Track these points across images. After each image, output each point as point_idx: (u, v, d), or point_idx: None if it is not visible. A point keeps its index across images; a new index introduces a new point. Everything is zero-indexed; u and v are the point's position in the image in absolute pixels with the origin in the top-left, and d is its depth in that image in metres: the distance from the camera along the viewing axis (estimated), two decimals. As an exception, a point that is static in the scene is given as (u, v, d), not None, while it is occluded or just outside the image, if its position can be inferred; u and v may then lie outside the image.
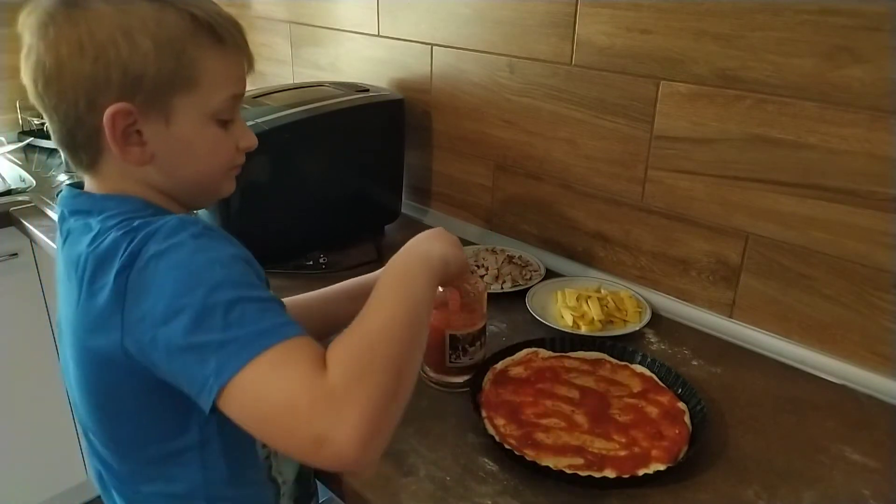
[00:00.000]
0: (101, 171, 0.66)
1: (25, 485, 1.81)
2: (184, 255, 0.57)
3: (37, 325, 1.68)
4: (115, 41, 0.59)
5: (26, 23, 0.62)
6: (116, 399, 0.64)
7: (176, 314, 0.54)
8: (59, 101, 0.61)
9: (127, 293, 0.56)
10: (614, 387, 0.90)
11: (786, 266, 0.99)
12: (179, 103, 0.63)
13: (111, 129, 0.61)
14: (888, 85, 0.83)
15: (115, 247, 0.58)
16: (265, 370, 0.53)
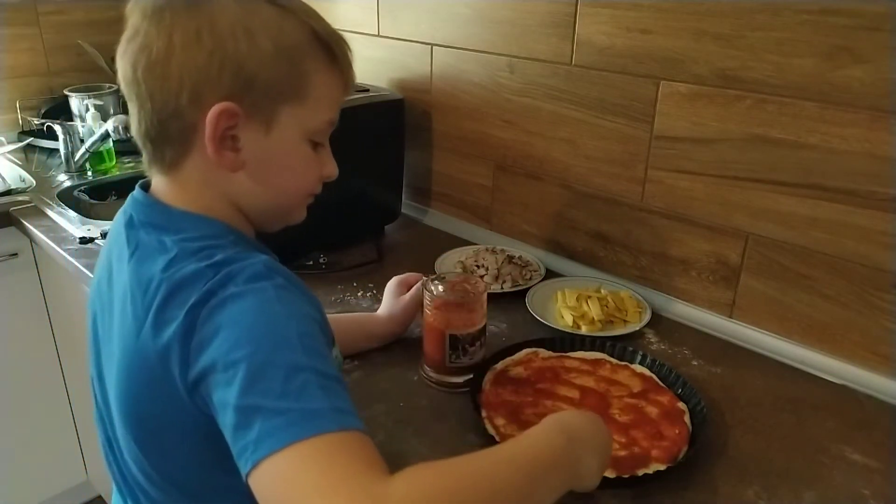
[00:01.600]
0: (182, 173, 0.62)
1: (25, 485, 1.81)
2: (261, 303, 0.53)
3: (37, 325, 1.68)
4: (236, 36, 0.57)
5: (138, 3, 0.59)
6: (165, 430, 0.60)
7: (235, 364, 0.50)
8: (160, 89, 0.58)
9: (196, 329, 0.53)
10: (614, 387, 0.90)
11: (786, 266, 0.99)
12: (284, 114, 0.61)
13: (213, 127, 0.58)
14: (888, 85, 0.83)
15: (193, 278, 0.55)
16: (312, 455, 0.46)
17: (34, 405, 1.74)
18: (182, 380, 0.54)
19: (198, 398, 0.54)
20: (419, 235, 1.44)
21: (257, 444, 0.47)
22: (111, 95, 1.91)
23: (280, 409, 0.48)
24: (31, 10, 1.96)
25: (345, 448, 0.47)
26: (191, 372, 0.53)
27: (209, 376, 0.52)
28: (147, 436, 0.62)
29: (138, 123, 0.61)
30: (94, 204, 1.65)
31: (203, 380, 0.52)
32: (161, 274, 0.56)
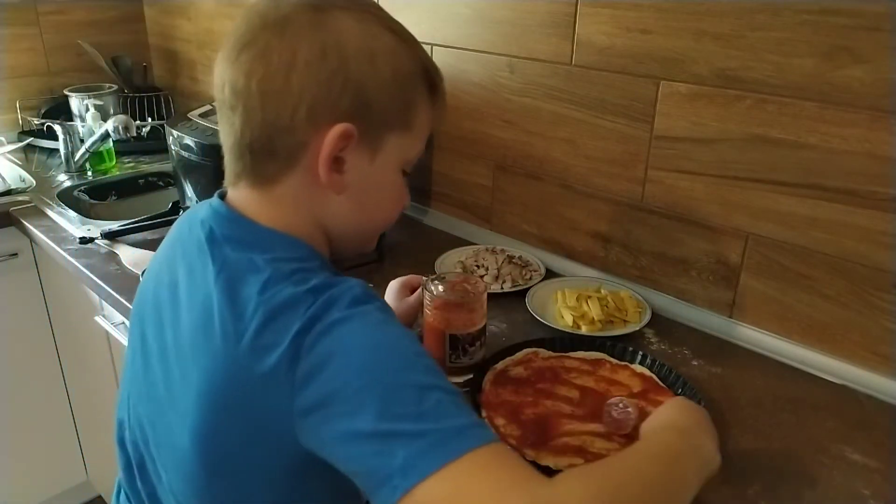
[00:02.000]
0: (278, 189, 0.60)
1: (25, 485, 1.81)
2: (370, 326, 0.52)
3: (37, 325, 1.68)
4: (359, 59, 0.56)
5: (257, 12, 0.58)
6: (241, 460, 0.56)
7: (360, 391, 0.48)
8: (275, 102, 0.56)
9: (302, 358, 0.50)
10: (614, 387, 0.90)
11: (786, 266, 0.99)
12: (390, 142, 0.61)
13: (331, 147, 0.57)
14: (888, 85, 0.83)
15: (293, 303, 0.52)
16: (470, 471, 0.45)
17: (34, 405, 1.74)
18: (284, 409, 0.51)
19: (304, 429, 0.51)
20: (419, 235, 1.44)
21: (406, 470, 0.45)
22: (111, 95, 1.92)
23: (422, 431, 0.47)
24: (31, 10, 1.96)
25: (498, 460, 0.47)
26: (298, 401, 0.50)
27: (325, 408, 0.49)
28: (217, 466, 0.57)
29: (239, 134, 0.59)
30: (94, 204, 1.66)
31: (316, 411, 0.50)
32: (258, 297, 0.53)
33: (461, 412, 0.49)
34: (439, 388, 0.50)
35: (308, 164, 0.58)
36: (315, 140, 0.57)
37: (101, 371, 1.50)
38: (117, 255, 1.30)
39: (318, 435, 0.50)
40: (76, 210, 1.53)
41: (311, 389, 0.50)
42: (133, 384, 0.67)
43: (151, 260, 0.71)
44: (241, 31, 0.58)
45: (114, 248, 1.32)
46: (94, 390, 1.63)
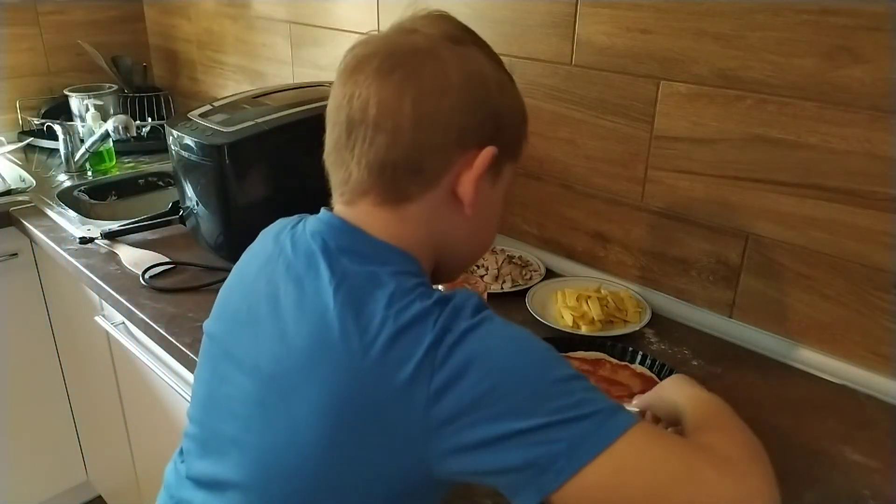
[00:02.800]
0: (411, 207, 0.61)
1: (26, 485, 1.81)
2: (500, 330, 0.54)
3: (37, 325, 1.68)
4: (498, 89, 0.62)
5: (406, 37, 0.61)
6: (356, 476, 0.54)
7: (509, 392, 0.50)
8: (428, 123, 0.59)
9: (437, 370, 0.50)
10: (614, 387, 0.90)
11: (786, 266, 0.99)
12: (507, 169, 0.65)
13: (481, 169, 0.60)
14: (888, 85, 0.83)
15: (422, 317, 0.53)
16: (642, 441, 0.50)
17: (34, 405, 1.74)
18: (416, 423, 0.51)
19: (438, 442, 0.51)
20: (419, 235, 1.44)
21: (573, 450, 0.48)
22: (111, 95, 1.92)
23: (584, 415, 0.49)
24: (31, 10, 1.96)
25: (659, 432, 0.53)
26: (434, 413, 0.50)
27: (469, 414, 0.50)
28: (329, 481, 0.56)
29: (383, 152, 0.59)
30: (94, 204, 1.66)
31: (457, 419, 0.50)
32: (384, 311, 0.53)
33: (603, 397, 0.52)
34: (577, 377, 0.53)
35: (446, 185, 0.61)
36: (459, 161, 0.61)
37: (101, 371, 1.50)
38: (117, 255, 1.30)
39: (460, 443, 0.50)
40: (76, 210, 1.53)
41: (450, 399, 0.50)
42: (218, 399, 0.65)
43: (232, 275, 0.70)
44: (382, 54, 0.60)
45: (114, 248, 1.32)
46: (94, 390, 1.63)
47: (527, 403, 0.49)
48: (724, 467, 0.51)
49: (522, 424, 0.49)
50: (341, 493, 0.55)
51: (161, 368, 1.19)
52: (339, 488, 0.55)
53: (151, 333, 1.10)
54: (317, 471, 0.55)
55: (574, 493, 0.49)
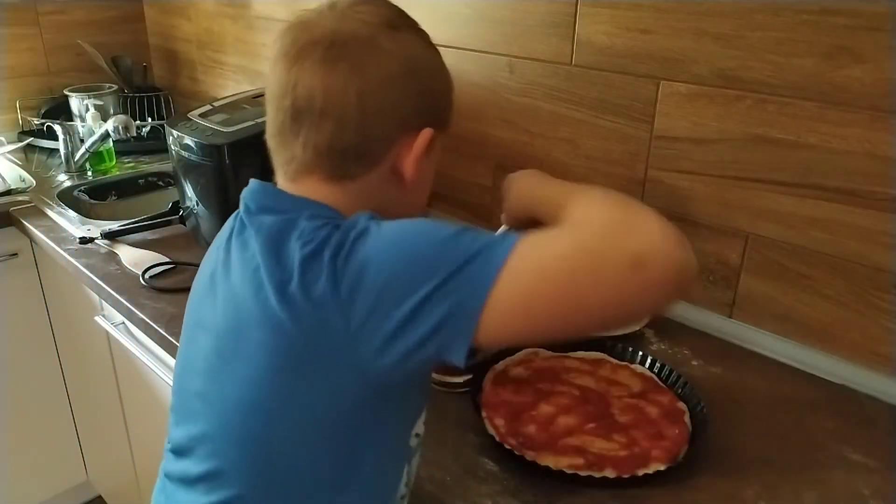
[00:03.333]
0: (351, 185, 0.65)
1: (25, 485, 1.81)
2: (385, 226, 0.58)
3: (37, 325, 1.68)
4: (431, 72, 0.67)
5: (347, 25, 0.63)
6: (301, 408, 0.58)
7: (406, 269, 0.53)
8: (374, 113, 0.62)
9: (341, 279, 0.54)
10: (614, 387, 0.90)
11: (786, 266, 0.99)
12: (439, 142, 0.69)
13: (421, 150, 0.65)
14: (888, 85, 0.83)
15: (323, 240, 0.57)
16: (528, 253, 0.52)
17: (34, 405, 1.74)
18: (341, 330, 0.54)
19: (366, 336, 0.54)
20: (419, 235, 1.44)
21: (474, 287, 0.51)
22: (111, 95, 1.92)
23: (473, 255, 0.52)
24: (31, 10, 1.96)
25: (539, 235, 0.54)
26: (353, 315, 0.54)
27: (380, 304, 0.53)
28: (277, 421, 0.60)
29: (329, 138, 0.63)
30: (94, 204, 1.66)
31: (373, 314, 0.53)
32: (294, 245, 0.58)
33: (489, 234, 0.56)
34: (463, 230, 0.55)
35: (387, 165, 0.65)
36: (401, 143, 0.65)
37: (101, 371, 1.50)
38: (117, 255, 1.30)
39: (383, 333, 0.53)
40: (76, 210, 1.53)
41: (361, 299, 0.54)
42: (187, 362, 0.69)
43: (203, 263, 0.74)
44: (325, 43, 0.62)
45: (114, 248, 1.32)
46: (94, 390, 1.63)
47: (425, 271, 0.52)
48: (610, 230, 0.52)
49: (427, 289, 0.52)
50: (295, 424, 0.59)
51: (161, 368, 1.19)
52: (292, 419, 0.59)
53: (151, 333, 1.10)
54: (269, 406, 0.59)
55: (495, 325, 0.51)
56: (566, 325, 0.53)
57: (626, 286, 0.50)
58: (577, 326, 0.54)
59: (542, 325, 0.53)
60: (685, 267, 0.51)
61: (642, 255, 0.50)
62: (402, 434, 0.66)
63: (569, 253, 0.52)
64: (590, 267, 0.51)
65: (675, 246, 0.51)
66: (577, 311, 0.52)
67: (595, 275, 0.50)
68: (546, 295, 0.51)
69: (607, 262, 0.50)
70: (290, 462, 0.61)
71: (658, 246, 0.50)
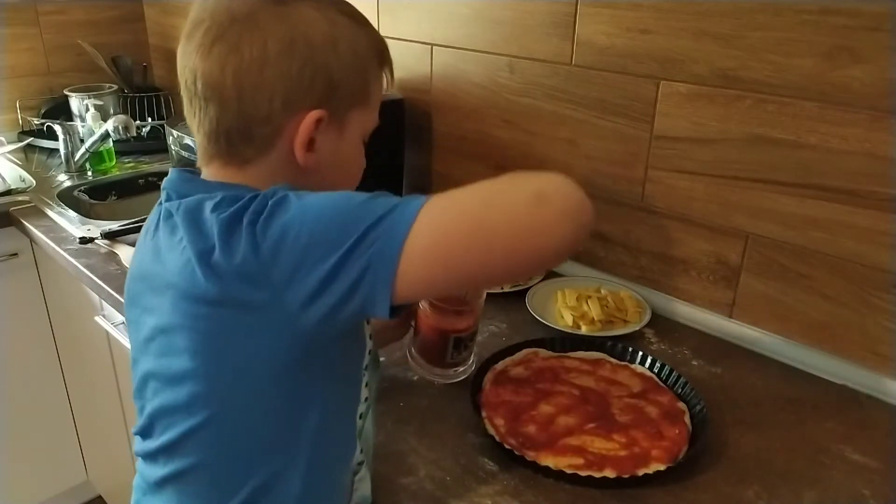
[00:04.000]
0: (252, 168, 0.64)
1: (25, 485, 1.81)
2: (303, 194, 0.58)
3: (37, 325, 1.68)
4: (325, 47, 0.61)
5: (222, 5, 0.60)
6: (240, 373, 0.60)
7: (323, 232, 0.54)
8: (251, 95, 0.60)
9: (261, 244, 0.55)
10: (614, 387, 0.90)
11: (786, 266, 0.99)
12: (353, 118, 0.66)
13: (306, 132, 0.62)
14: (888, 85, 0.83)
15: (241, 208, 0.57)
16: (437, 207, 0.54)
17: (34, 405, 1.74)
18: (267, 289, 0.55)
19: (294, 297, 0.55)
20: (419, 235, 1.44)
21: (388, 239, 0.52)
22: (111, 95, 1.92)
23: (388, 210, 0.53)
24: (31, 10, 1.96)
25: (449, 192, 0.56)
26: (276, 276, 0.54)
27: (301, 266, 0.54)
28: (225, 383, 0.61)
29: (215, 122, 0.62)
30: (94, 204, 1.65)
31: (295, 274, 0.54)
32: (212, 215, 0.58)
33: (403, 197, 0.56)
34: (379, 194, 0.56)
35: (283, 147, 0.63)
36: (289, 126, 0.62)
37: (101, 371, 1.50)
38: (117, 255, 1.30)
39: (307, 290, 0.54)
40: (76, 210, 1.53)
41: (282, 260, 0.54)
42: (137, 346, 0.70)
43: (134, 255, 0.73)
44: (206, 24, 0.61)
45: (114, 248, 1.32)
46: (94, 390, 1.63)
47: (344, 229, 0.53)
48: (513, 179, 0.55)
49: (347, 245, 0.53)
50: (235, 389, 0.60)
51: (161, 368, 1.19)
52: (232, 384, 0.60)
53: (151, 333, 1.10)
54: (210, 372, 0.60)
55: (413, 272, 0.52)
56: (483, 267, 0.55)
57: (531, 219, 0.52)
58: (494, 267, 0.55)
59: (458, 267, 0.54)
60: (584, 202, 0.54)
61: (544, 191, 0.53)
62: (345, 392, 0.66)
63: (477, 194, 0.55)
64: (497, 203, 0.54)
65: (573, 187, 0.54)
66: (489, 250, 0.54)
67: (502, 210, 0.53)
68: (457, 235, 0.53)
69: (512, 198, 0.53)
70: (239, 427, 0.62)
71: (557, 184, 0.54)
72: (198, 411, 0.62)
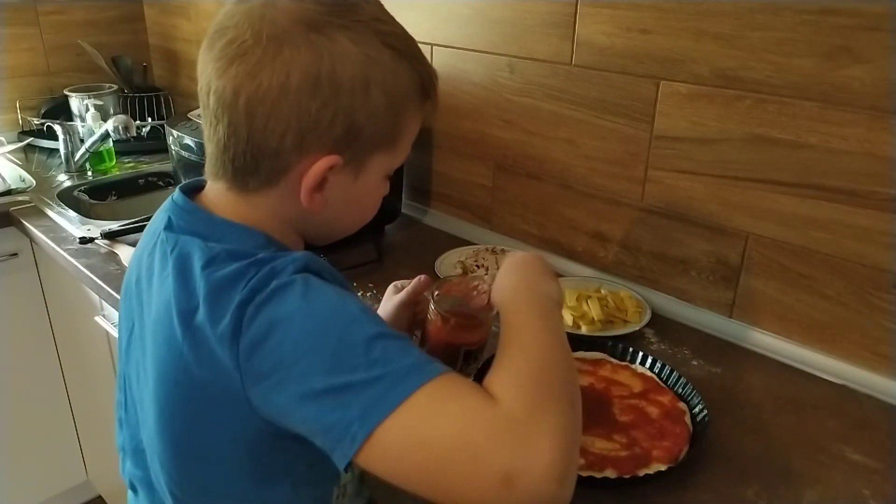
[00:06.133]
0: (256, 199, 0.60)
1: (25, 485, 1.81)
2: (311, 290, 0.52)
3: (37, 325, 1.68)
4: (354, 89, 0.55)
5: (249, 21, 0.54)
6: (205, 436, 0.57)
7: (308, 353, 0.49)
8: (263, 125, 0.55)
9: (244, 330, 0.50)
10: (615, 387, 0.90)
11: (786, 266, 0.99)
12: (374, 161, 0.60)
13: (315, 178, 0.57)
14: (888, 85, 0.83)
15: (236, 276, 0.53)
16: (423, 409, 0.47)
17: (34, 405, 1.74)
18: (234, 382, 0.51)
19: (257, 398, 0.51)
20: (419, 235, 1.44)
21: (365, 415, 0.47)
22: (111, 95, 1.92)
23: (374, 378, 0.48)
24: (31, 10, 1.96)
25: (452, 388, 0.49)
26: (246, 373, 0.51)
27: (275, 374, 0.50)
28: (183, 448, 0.59)
29: (223, 145, 0.58)
30: (94, 204, 1.66)
31: (265, 379, 0.50)
32: (201, 272, 0.54)
33: (409, 353, 0.50)
34: (385, 335, 0.50)
35: (290, 184, 0.58)
36: (299, 165, 0.57)
37: (101, 371, 1.50)
38: (117, 255, 1.30)
39: (272, 403, 0.51)
40: (76, 210, 1.53)
41: (257, 360, 0.50)
42: (125, 366, 0.69)
43: (136, 248, 0.71)
44: (229, 36, 0.55)
45: (114, 248, 1.32)
46: (94, 390, 1.63)
47: (325, 363, 0.49)
48: (499, 430, 0.46)
49: (320, 384, 0.48)
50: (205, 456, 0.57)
51: (161, 368, 1.19)
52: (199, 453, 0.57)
53: (151, 333, 1.10)
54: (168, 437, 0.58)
55: (371, 459, 0.48)
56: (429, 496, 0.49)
57: (485, 496, 0.46)
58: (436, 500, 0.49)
59: (407, 485, 0.49)
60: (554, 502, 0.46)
61: (516, 477, 0.45)
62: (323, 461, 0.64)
63: (451, 441, 0.47)
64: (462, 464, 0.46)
65: (555, 481, 0.46)
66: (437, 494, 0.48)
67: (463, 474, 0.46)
68: (417, 466, 0.48)
69: (478, 469, 0.46)
70: (210, 484, 0.60)
71: (537, 474, 0.45)
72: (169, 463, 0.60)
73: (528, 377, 0.51)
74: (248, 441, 0.55)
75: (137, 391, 0.64)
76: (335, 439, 0.48)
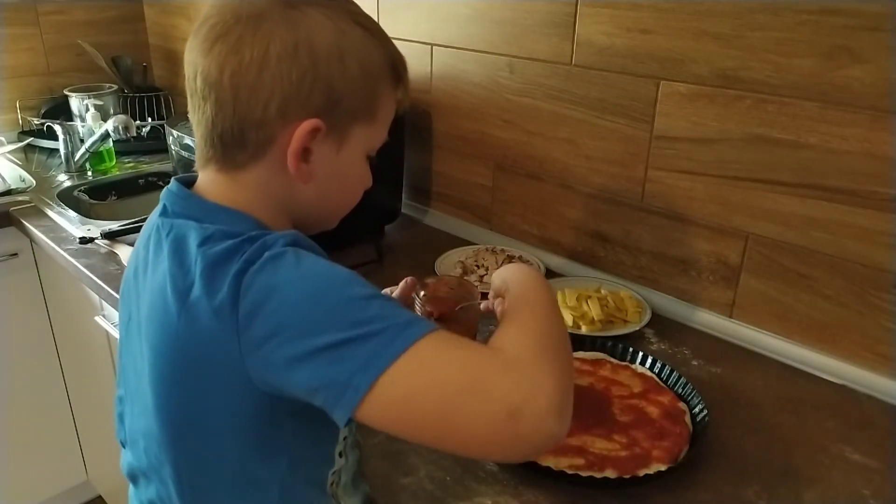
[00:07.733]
0: (244, 176, 0.62)
1: (25, 485, 1.81)
2: (303, 258, 0.55)
3: (37, 325, 1.68)
4: (330, 58, 0.59)
5: (230, 4, 0.59)
6: (206, 413, 0.58)
7: (307, 313, 0.52)
8: (247, 97, 0.58)
9: (242, 297, 0.53)
10: (615, 387, 0.90)
11: (786, 266, 0.99)
12: (355, 133, 0.63)
13: (299, 142, 0.59)
14: (888, 85, 0.83)
15: (231, 251, 0.55)
16: (428, 356, 0.50)
17: (34, 405, 1.74)
18: (232, 350, 0.53)
19: (256, 365, 0.53)
20: (419, 235, 1.44)
21: (367, 365, 0.49)
22: (111, 95, 1.92)
23: (375, 331, 0.50)
24: (31, 10, 1.96)
25: (454, 339, 0.52)
26: (245, 339, 0.53)
27: (275, 337, 0.52)
28: (183, 421, 0.60)
29: (210, 123, 0.61)
30: (94, 204, 1.66)
31: (265, 343, 0.52)
32: (197, 250, 0.56)
33: (404, 311, 0.53)
34: (378, 296, 0.53)
35: (276, 155, 0.61)
36: (284, 133, 0.60)
37: (101, 371, 1.50)
38: (117, 255, 1.30)
39: (272, 364, 0.52)
40: (76, 210, 1.53)
41: (257, 325, 0.52)
42: (126, 358, 0.70)
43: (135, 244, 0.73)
44: (212, 21, 0.59)
45: (114, 248, 1.32)
46: (94, 390, 1.63)
47: (324, 321, 0.51)
48: (506, 369, 0.50)
49: (320, 341, 0.50)
50: (200, 426, 0.59)
51: (161, 368, 1.19)
52: (196, 422, 0.59)
53: (151, 333, 1.10)
54: (167, 417, 0.60)
55: (374, 410, 0.50)
56: (434, 442, 0.52)
57: (493, 431, 0.49)
58: (444, 446, 0.53)
59: (412, 432, 0.52)
60: (552, 437, 0.50)
61: (521, 410, 0.48)
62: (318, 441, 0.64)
63: (458, 382, 0.50)
64: (470, 403, 0.49)
65: (554, 415, 0.50)
66: (444, 436, 0.51)
67: (470, 412, 0.49)
68: (422, 411, 0.50)
69: (486, 405, 0.49)
70: (208, 462, 0.61)
71: (540, 408, 0.49)
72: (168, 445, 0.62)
73: (530, 336, 0.56)
74: (245, 415, 0.57)
75: (135, 380, 0.66)
76: (337, 393, 0.50)
